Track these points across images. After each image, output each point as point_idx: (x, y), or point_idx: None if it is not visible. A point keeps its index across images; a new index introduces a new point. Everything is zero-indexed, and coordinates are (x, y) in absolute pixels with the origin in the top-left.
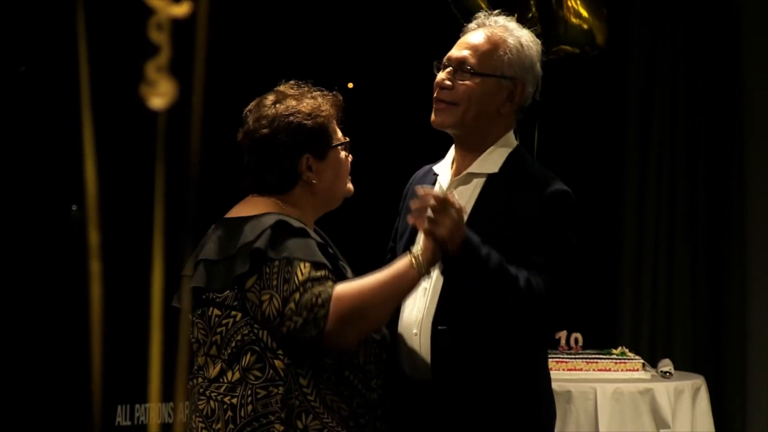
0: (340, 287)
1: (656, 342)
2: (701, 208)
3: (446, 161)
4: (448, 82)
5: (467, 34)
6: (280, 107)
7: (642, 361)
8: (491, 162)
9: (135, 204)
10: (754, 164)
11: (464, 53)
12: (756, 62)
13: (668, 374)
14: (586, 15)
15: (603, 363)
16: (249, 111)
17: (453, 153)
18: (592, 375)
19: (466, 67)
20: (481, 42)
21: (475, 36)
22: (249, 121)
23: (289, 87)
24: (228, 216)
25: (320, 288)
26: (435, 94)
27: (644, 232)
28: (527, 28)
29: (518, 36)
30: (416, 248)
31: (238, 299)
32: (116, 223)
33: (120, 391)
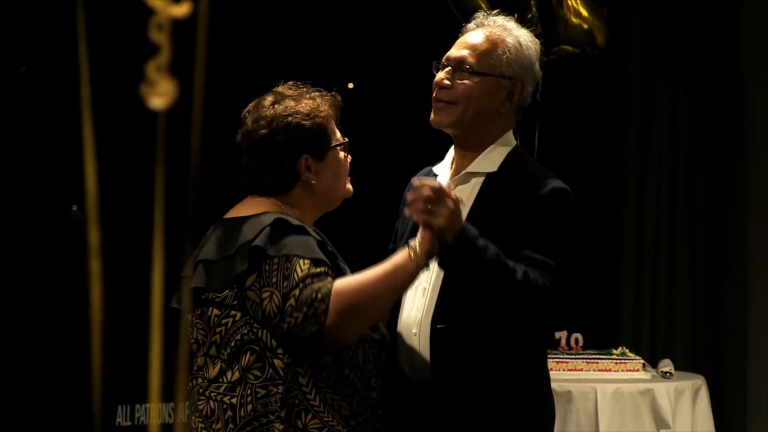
0: (340, 282)
1: (656, 342)
2: (701, 208)
3: (446, 162)
4: (447, 82)
5: (466, 34)
6: (279, 108)
7: (642, 362)
8: (490, 161)
9: (135, 204)
10: (754, 164)
11: (463, 53)
12: (756, 62)
13: (668, 374)
14: (586, 15)
15: (603, 363)
16: (248, 112)
17: (452, 153)
18: (593, 375)
19: (465, 67)
20: (480, 41)
21: (474, 36)
22: (248, 122)
23: (288, 88)
24: (227, 216)
25: (320, 284)
26: (434, 94)
27: (644, 233)
28: (527, 28)
29: (517, 36)
30: (414, 240)
31: (238, 298)
32: (116, 223)
33: (120, 391)
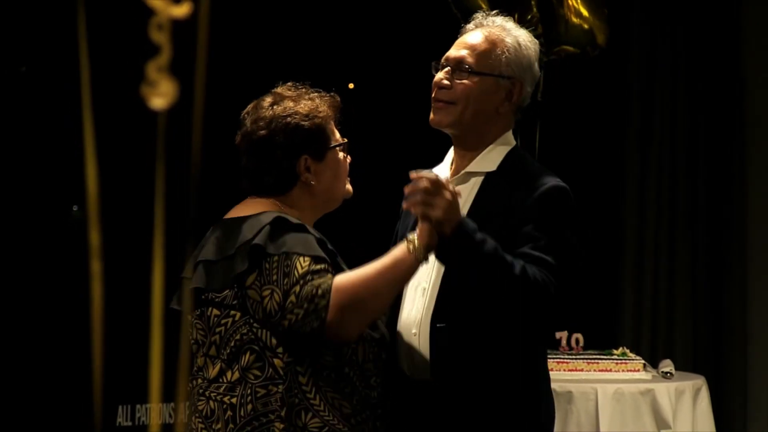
0: (340, 278)
1: (657, 342)
2: (702, 208)
3: (445, 163)
4: (446, 82)
5: (465, 35)
6: (278, 109)
7: (643, 362)
8: (489, 161)
9: (136, 204)
10: (755, 164)
11: (462, 53)
12: (756, 62)
13: (669, 375)
14: (587, 15)
15: (604, 363)
16: (247, 113)
17: (452, 154)
18: (593, 375)
19: (464, 67)
20: (479, 42)
21: (473, 36)
22: (247, 123)
23: (287, 88)
24: (226, 217)
25: (320, 280)
26: (433, 94)
27: (645, 233)
28: (527, 29)
29: (516, 36)
30: (412, 234)
31: (238, 298)
32: (117, 224)
33: (121, 392)
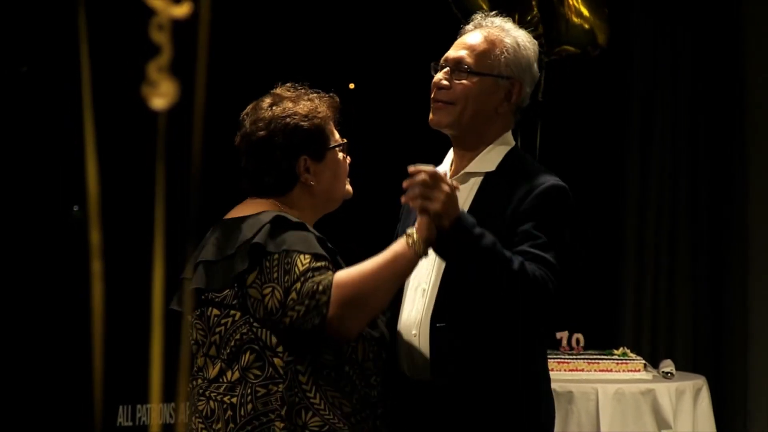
0: (340, 274)
1: (657, 342)
2: (702, 209)
3: (445, 164)
4: (445, 82)
5: (464, 35)
6: (277, 109)
7: (643, 362)
8: (489, 161)
9: (136, 204)
10: (755, 164)
11: (461, 53)
12: (757, 62)
13: (670, 375)
14: (588, 14)
15: (604, 363)
16: (246, 114)
17: (451, 155)
18: (594, 375)
19: (463, 67)
20: (478, 42)
21: (472, 36)
22: (246, 124)
23: (286, 89)
24: (226, 218)
25: (321, 277)
26: (432, 95)
27: (645, 233)
28: (528, 29)
29: (515, 36)
30: (412, 228)
31: (238, 297)
32: (117, 224)
33: (121, 392)
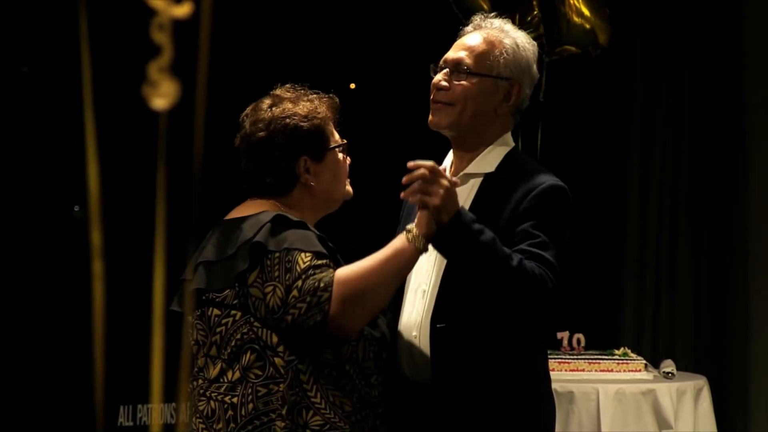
0: (341, 270)
1: (658, 343)
2: (703, 209)
3: (444, 165)
4: (445, 83)
5: (463, 37)
6: (277, 110)
7: (644, 362)
8: (488, 162)
9: (137, 204)
10: (755, 164)
11: (460, 54)
12: (758, 62)
13: (670, 375)
14: (589, 14)
15: (605, 363)
16: (246, 115)
17: (451, 156)
18: (595, 375)
19: (463, 68)
20: (478, 43)
21: (472, 38)
22: (246, 125)
23: (285, 90)
24: (227, 218)
25: (322, 274)
26: (431, 96)
27: (646, 233)
28: (529, 30)
29: (514, 37)
30: (411, 224)
31: (239, 297)
32: (118, 224)
33: (122, 392)
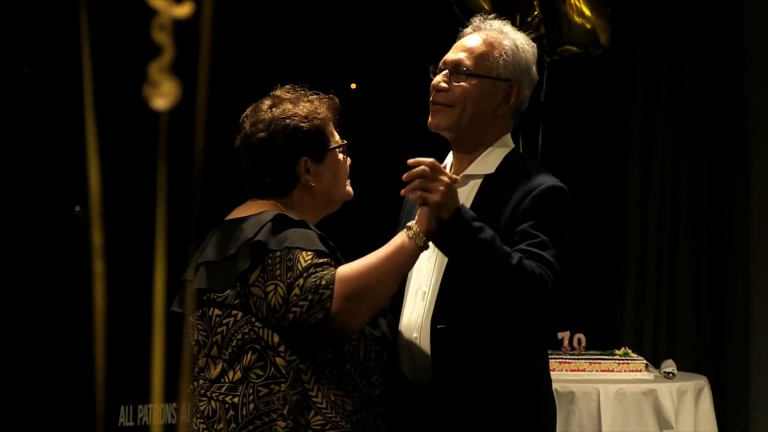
0: (343, 268)
1: (659, 343)
2: (704, 208)
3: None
4: (444, 85)
5: (463, 38)
6: (277, 111)
7: (645, 362)
8: (488, 163)
9: (138, 205)
10: (756, 164)
11: (460, 56)
12: (759, 61)
13: (671, 375)
14: (589, 14)
15: (606, 363)
16: (246, 116)
17: (450, 158)
18: (595, 376)
19: (462, 69)
20: (477, 44)
21: (471, 39)
22: (246, 126)
23: (285, 91)
24: (227, 218)
25: (324, 272)
26: (431, 97)
27: (647, 233)
28: (530, 32)
29: (514, 39)
30: (412, 221)
31: (240, 297)
32: (119, 224)
33: (123, 392)
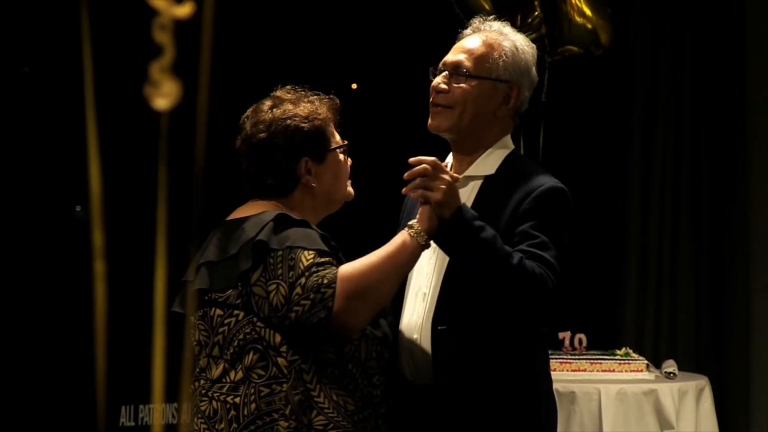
0: (344, 267)
1: (660, 343)
2: (705, 208)
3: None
4: (444, 86)
5: (462, 39)
6: (277, 111)
7: (646, 362)
8: (488, 164)
9: (139, 205)
10: (757, 164)
11: (459, 57)
12: (759, 61)
13: (672, 375)
14: (590, 14)
15: (607, 364)
16: (246, 117)
17: (450, 159)
18: (596, 376)
19: (462, 71)
20: (477, 46)
21: (471, 40)
22: (246, 127)
23: (286, 92)
24: (228, 219)
25: (325, 271)
26: (431, 99)
27: (648, 233)
28: (531, 32)
29: (513, 40)
30: (413, 220)
31: (242, 296)
32: (120, 224)
33: (124, 392)
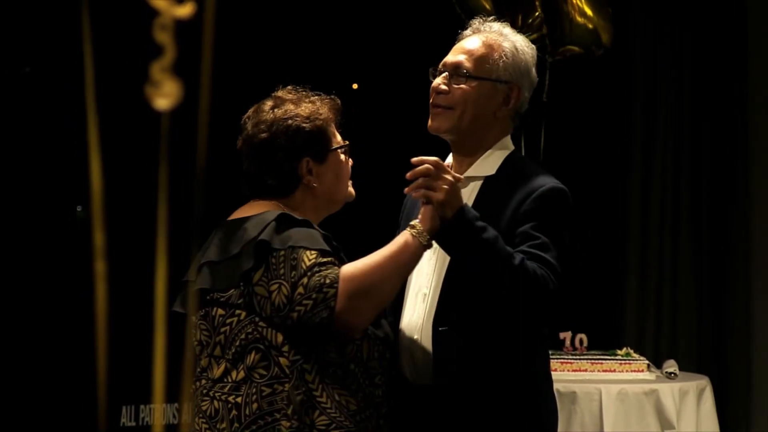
0: (346, 267)
1: (661, 343)
2: (705, 208)
3: None
4: (444, 87)
5: (462, 40)
6: (278, 111)
7: (647, 362)
8: (488, 165)
9: (140, 205)
10: (758, 164)
11: (459, 58)
12: (760, 61)
13: (673, 375)
14: (591, 14)
15: (608, 364)
16: (247, 117)
17: (450, 160)
18: (597, 376)
19: (462, 71)
20: (477, 47)
21: (471, 41)
22: (248, 127)
23: (287, 92)
24: (230, 219)
25: (328, 271)
26: (431, 100)
27: (648, 233)
28: (532, 32)
29: (513, 41)
30: (415, 220)
31: (244, 296)
32: (121, 224)
33: (124, 392)
